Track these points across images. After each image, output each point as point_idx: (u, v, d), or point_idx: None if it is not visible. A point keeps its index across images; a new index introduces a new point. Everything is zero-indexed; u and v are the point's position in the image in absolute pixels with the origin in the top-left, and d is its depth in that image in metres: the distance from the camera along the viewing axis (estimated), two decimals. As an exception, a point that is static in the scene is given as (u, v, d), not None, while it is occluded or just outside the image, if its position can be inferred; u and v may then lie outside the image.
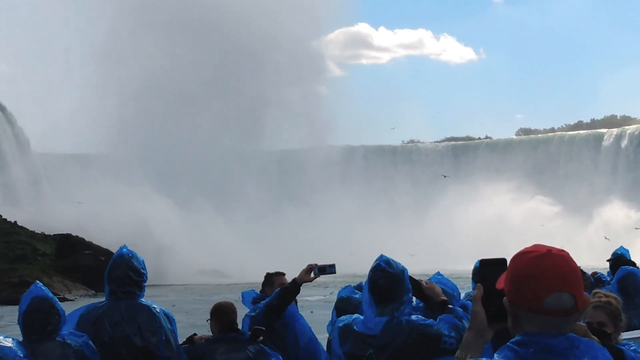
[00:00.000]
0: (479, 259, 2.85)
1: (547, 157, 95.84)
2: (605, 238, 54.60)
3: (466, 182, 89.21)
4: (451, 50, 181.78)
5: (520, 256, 2.55)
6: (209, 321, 6.26)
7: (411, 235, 74.93)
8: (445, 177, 78.03)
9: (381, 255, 5.01)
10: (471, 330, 2.70)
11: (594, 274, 10.89)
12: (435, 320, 4.87)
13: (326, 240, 72.01)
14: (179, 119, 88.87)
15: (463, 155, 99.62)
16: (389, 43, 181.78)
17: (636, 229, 59.79)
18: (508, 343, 2.53)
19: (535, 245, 2.58)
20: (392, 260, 4.98)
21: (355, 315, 5.07)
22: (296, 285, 6.65)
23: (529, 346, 2.50)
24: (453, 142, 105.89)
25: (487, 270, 2.71)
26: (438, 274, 5.97)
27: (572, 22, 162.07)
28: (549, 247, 2.55)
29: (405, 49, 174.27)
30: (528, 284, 2.48)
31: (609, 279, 9.79)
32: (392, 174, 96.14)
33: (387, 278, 4.87)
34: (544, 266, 2.48)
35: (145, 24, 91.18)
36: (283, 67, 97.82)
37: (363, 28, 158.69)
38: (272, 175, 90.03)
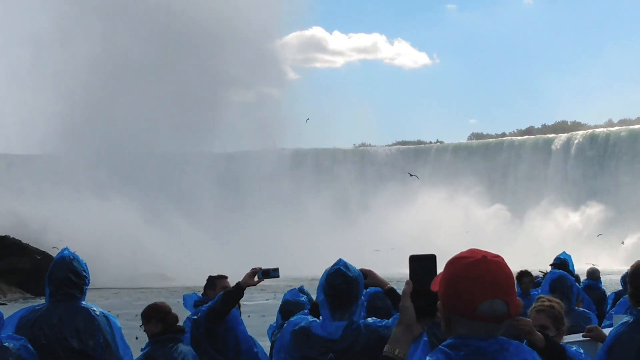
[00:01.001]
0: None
1: (497, 161, 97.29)
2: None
3: (415, 186, 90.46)
4: (405, 55, 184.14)
5: (456, 261, 2.59)
6: (142, 327, 6.30)
7: (362, 238, 75.77)
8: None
9: (339, 259, 5.02)
10: (400, 325, 2.73)
11: (536, 277, 11.23)
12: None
13: (273, 243, 72.17)
14: (124, 118, 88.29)
15: (414, 159, 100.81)
16: (343, 47, 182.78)
17: (598, 235, 60.64)
18: (440, 346, 2.61)
19: (471, 250, 2.62)
20: (350, 264, 5.01)
21: (312, 319, 5.05)
22: (240, 289, 6.66)
23: (460, 349, 2.57)
24: (404, 146, 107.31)
25: (416, 266, 2.75)
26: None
27: (524, 29, 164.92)
28: (485, 252, 2.59)
29: (360, 53, 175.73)
30: (462, 290, 2.53)
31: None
32: (343, 177, 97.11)
33: (346, 282, 4.89)
34: (479, 272, 2.52)
35: (90, 20, 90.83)
36: (237, 70, 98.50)
37: (317, 32, 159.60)
38: (221, 177, 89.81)
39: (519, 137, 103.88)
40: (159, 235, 74.76)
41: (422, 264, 2.74)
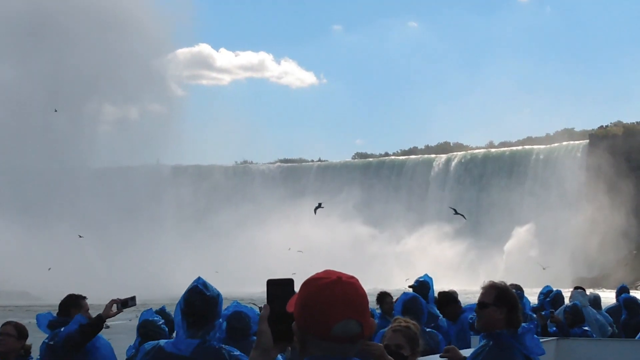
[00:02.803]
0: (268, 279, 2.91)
1: (378, 180, 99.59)
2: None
3: (295, 203, 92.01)
4: (292, 74, 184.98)
5: (311, 282, 2.62)
6: None
7: (234, 256, 76.26)
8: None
9: (198, 278, 5.04)
10: (257, 349, 2.73)
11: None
12: None
13: (148, 260, 71.91)
14: (5, 131, 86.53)
15: (294, 177, 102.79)
16: (230, 64, 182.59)
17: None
18: None
19: (326, 271, 2.65)
20: (209, 284, 5.03)
21: (167, 340, 5.08)
22: (101, 321, 6.85)
23: None
24: (285, 164, 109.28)
25: (274, 290, 2.79)
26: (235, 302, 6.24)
27: (410, 51, 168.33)
28: (340, 273, 2.63)
29: (246, 71, 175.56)
30: (317, 311, 2.56)
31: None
32: (223, 193, 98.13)
33: (203, 300, 4.91)
34: (334, 293, 2.56)
35: None
36: (122, 85, 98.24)
37: (204, 49, 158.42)
38: (102, 192, 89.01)
39: (401, 157, 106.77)
40: (24, 252, 72.93)
41: (279, 288, 2.78)
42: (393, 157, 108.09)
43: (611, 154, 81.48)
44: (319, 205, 76.10)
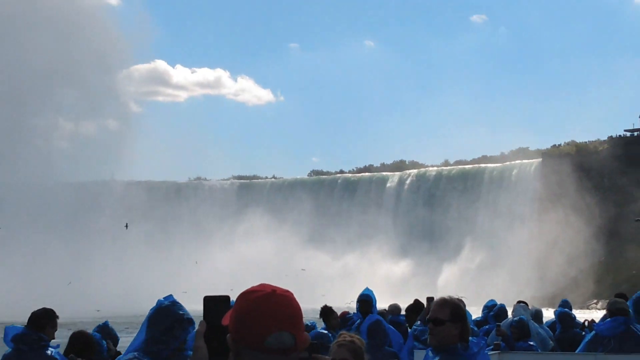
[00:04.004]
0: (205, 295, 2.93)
1: (330, 198, 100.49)
2: None
3: (247, 220, 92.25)
4: (249, 91, 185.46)
5: (245, 295, 2.64)
6: None
7: (187, 272, 76.32)
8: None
9: (170, 296, 5.02)
10: None
11: (345, 313, 11.75)
12: None
13: (103, 276, 71.83)
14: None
15: (247, 193, 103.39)
16: (187, 81, 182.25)
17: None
18: None
19: (261, 285, 2.68)
20: (179, 303, 4.96)
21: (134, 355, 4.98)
22: None
23: None
24: (239, 180, 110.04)
25: (210, 306, 2.83)
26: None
27: (366, 70, 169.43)
28: (274, 287, 2.66)
29: (203, 88, 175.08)
30: (251, 322, 2.58)
31: (356, 318, 10.62)
32: (176, 209, 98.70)
33: (172, 317, 4.86)
34: (268, 306, 2.58)
35: None
36: (77, 101, 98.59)
37: (160, 65, 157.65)
38: (54, 209, 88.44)
39: (355, 175, 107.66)
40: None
41: (215, 305, 2.83)
42: (347, 175, 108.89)
43: (563, 172, 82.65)
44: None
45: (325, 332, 7.61)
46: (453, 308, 5.07)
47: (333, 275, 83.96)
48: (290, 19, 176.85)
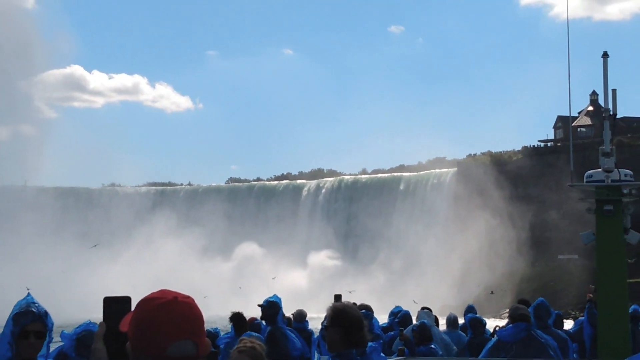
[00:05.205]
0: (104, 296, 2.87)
1: (245, 205, 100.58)
2: None
3: (157, 226, 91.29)
4: (167, 98, 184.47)
5: (146, 302, 2.59)
6: None
7: (102, 279, 75.62)
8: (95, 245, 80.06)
9: (28, 294, 5.03)
10: None
11: (254, 319, 11.77)
12: None
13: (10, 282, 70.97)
14: None
15: (161, 200, 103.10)
16: (104, 87, 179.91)
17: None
18: None
19: (161, 291, 2.62)
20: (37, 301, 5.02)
21: None
22: None
23: None
24: (154, 187, 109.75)
25: (111, 307, 2.76)
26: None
27: (285, 78, 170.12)
28: (176, 293, 2.61)
29: (121, 94, 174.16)
30: (153, 331, 2.53)
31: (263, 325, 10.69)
32: (88, 216, 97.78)
33: (34, 318, 4.99)
34: (169, 313, 2.54)
35: None
36: None
37: (77, 70, 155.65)
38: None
39: (271, 182, 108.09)
40: None
41: (115, 306, 2.75)
42: (264, 182, 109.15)
43: (478, 182, 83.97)
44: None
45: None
46: (334, 313, 5.14)
47: (245, 282, 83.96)
48: (209, 27, 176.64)
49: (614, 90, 11.58)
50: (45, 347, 5.12)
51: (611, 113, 11.51)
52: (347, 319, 5.09)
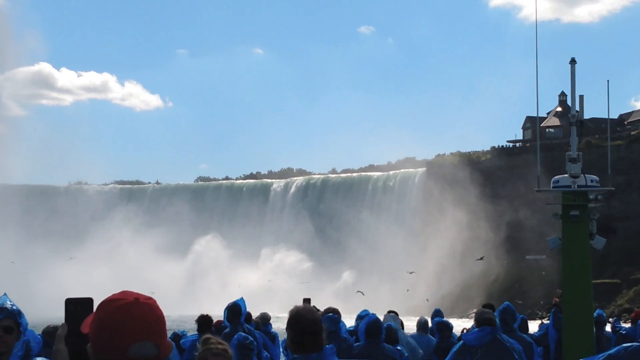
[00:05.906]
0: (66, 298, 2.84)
1: (213, 204, 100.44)
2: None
3: (127, 226, 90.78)
4: (137, 96, 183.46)
5: (106, 304, 2.58)
6: None
7: (60, 279, 75.38)
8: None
9: (4, 294, 4.88)
10: None
11: (220, 322, 11.82)
12: None
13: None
14: None
15: (128, 198, 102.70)
16: (72, 85, 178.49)
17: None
18: None
19: (123, 292, 2.62)
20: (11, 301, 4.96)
21: None
22: None
23: None
24: (121, 185, 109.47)
25: (72, 308, 2.75)
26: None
27: (254, 78, 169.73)
28: (137, 294, 2.61)
29: (89, 92, 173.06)
30: (113, 333, 2.52)
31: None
32: (53, 213, 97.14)
33: (8, 316, 4.75)
34: (130, 315, 2.53)
35: None
36: None
37: (45, 68, 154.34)
38: None
39: (240, 181, 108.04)
40: None
41: (78, 307, 2.75)
42: (232, 181, 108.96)
43: (446, 181, 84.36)
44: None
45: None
46: (289, 317, 5.20)
47: (209, 281, 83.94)
48: (179, 25, 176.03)
49: (581, 97, 11.72)
50: (21, 345, 5.15)
51: (578, 119, 11.65)
52: (300, 323, 5.16)
